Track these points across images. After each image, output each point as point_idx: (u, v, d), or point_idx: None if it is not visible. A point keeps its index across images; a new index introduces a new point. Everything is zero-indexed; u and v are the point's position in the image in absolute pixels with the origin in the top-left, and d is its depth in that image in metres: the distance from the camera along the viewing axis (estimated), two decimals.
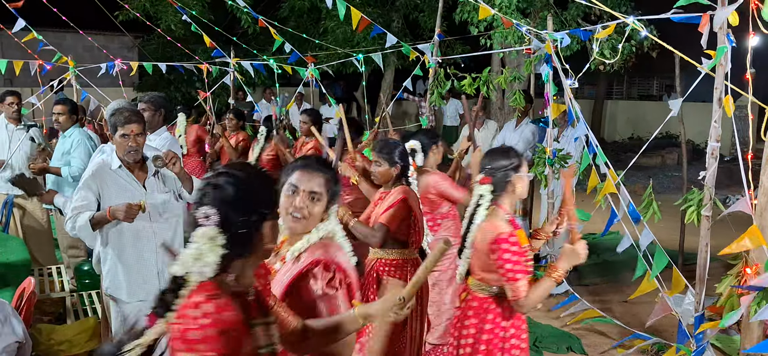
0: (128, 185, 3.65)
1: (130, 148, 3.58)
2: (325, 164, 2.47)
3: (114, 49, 14.25)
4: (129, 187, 3.64)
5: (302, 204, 2.32)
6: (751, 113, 3.87)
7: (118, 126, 3.57)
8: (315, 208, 2.35)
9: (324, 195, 2.37)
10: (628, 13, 8.94)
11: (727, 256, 3.76)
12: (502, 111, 12.95)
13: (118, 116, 3.59)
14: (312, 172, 2.37)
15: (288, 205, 2.33)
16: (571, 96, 5.14)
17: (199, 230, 1.71)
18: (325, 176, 2.39)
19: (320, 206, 2.36)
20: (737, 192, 9.83)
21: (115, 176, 3.65)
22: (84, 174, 4.07)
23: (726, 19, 3.70)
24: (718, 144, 3.93)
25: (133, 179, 3.68)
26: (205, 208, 1.72)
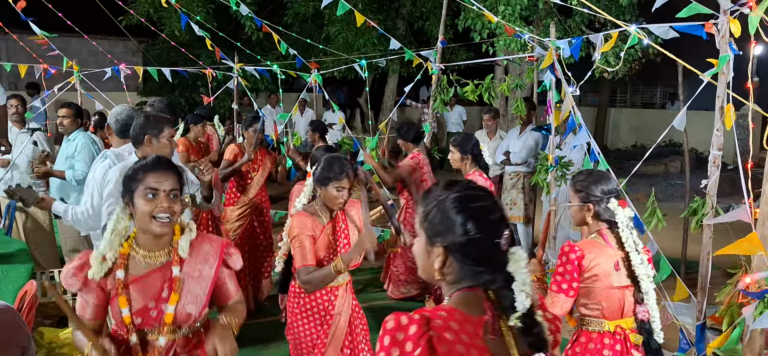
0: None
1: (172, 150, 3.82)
2: (172, 163, 2.54)
3: (118, 54, 14.28)
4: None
5: (167, 204, 2.40)
6: (752, 122, 3.86)
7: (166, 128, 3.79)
8: (177, 206, 2.45)
9: (179, 192, 2.46)
10: (632, 21, 8.95)
11: (727, 265, 3.75)
12: (505, 118, 12.95)
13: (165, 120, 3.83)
14: (165, 172, 2.44)
15: (151, 209, 2.39)
16: (573, 103, 5.14)
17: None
18: (174, 172, 2.48)
19: (179, 204, 2.46)
20: (739, 201, 9.81)
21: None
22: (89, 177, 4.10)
23: (728, 28, 3.70)
24: (721, 153, 3.92)
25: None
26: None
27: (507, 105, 12.15)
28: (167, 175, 2.43)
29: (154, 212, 2.38)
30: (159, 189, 2.40)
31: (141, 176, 2.42)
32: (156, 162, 2.48)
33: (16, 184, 4.37)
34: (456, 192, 1.69)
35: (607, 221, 2.99)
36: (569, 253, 2.90)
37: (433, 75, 6.88)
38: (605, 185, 2.98)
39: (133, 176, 2.44)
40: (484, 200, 1.68)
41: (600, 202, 2.98)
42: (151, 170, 2.42)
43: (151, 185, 2.39)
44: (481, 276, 1.65)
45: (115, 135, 4.16)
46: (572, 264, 2.89)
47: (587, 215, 3.00)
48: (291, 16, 13.48)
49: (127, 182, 2.45)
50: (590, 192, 2.97)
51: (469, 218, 1.64)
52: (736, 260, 3.92)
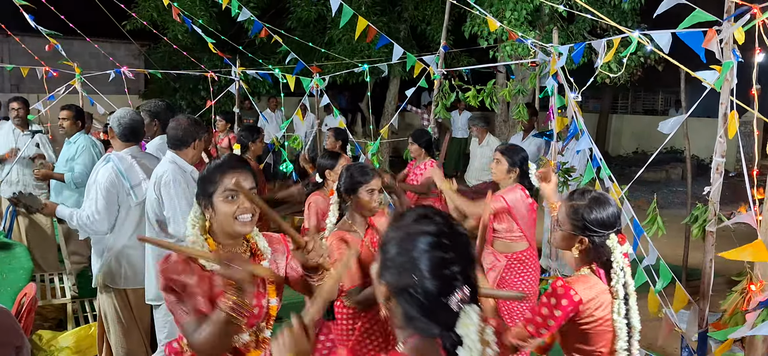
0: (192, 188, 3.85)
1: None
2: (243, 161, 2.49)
3: (120, 57, 14.32)
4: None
5: (249, 204, 2.34)
6: (757, 129, 3.84)
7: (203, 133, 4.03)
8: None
9: (256, 189, 2.42)
10: (634, 27, 8.95)
11: (730, 272, 3.74)
12: (507, 123, 12.94)
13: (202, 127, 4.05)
14: (242, 171, 2.39)
15: (233, 210, 2.34)
16: (575, 108, 5.12)
17: None
18: (250, 170, 2.43)
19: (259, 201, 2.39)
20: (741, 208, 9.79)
21: (191, 179, 3.87)
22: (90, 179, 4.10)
23: (732, 34, 3.69)
24: (724, 160, 3.91)
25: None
26: None
27: (508, 110, 12.15)
28: (245, 174, 2.38)
29: (237, 213, 2.34)
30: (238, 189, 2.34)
31: (218, 177, 2.36)
32: (233, 162, 2.42)
33: (20, 191, 4.38)
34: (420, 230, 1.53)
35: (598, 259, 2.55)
36: (561, 298, 2.44)
37: (434, 80, 6.87)
38: (605, 214, 2.50)
39: (211, 178, 2.38)
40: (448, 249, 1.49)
41: (597, 238, 2.52)
42: (229, 171, 2.37)
43: (231, 186, 2.33)
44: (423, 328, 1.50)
45: (117, 138, 4.16)
46: (562, 311, 2.45)
47: (577, 247, 2.55)
48: (294, 20, 13.49)
49: (203, 184, 2.41)
50: (588, 223, 2.50)
51: (423, 264, 1.47)
52: (740, 268, 3.90)
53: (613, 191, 4.69)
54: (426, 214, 1.56)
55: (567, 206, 2.57)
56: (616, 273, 2.52)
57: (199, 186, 2.45)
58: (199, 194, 2.43)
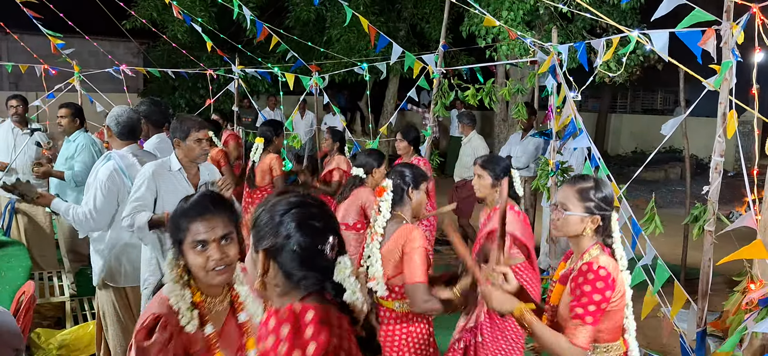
0: (181, 187, 3.80)
1: (203, 151, 3.85)
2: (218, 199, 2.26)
3: (119, 55, 14.31)
4: (182, 190, 3.76)
5: (219, 254, 2.14)
6: (757, 129, 3.85)
7: (192, 130, 3.81)
8: (232, 250, 2.19)
9: (233, 231, 2.20)
10: (634, 26, 8.95)
11: (729, 272, 3.74)
12: (506, 123, 12.94)
13: (191, 123, 3.85)
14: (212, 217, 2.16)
15: (204, 262, 2.13)
16: (573, 108, 5.12)
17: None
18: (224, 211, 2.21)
19: (235, 246, 2.21)
20: (740, 208, 9.79)
21: (172, 177, 3.83)
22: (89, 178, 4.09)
23: (731, 33, 3.69)
24: (722, 159, 3.91)
25: (188, 182, 3.87)
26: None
27: (508, 110, 12.15)
28: (215, 219, 2.14)
29: (209, 266, 2.13)
30: (208, 240, 2.13)
31: (185, 225, 2.13)
32: (200, 207, 2.17)
33: (16, 178, 4.36)
34: (285, 198, 1.72)
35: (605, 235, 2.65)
36: (607, 278, 2.47)
37: (434, 79, 6.87)
38: (608, 192, 2.64)
39: (178, 225, 2.15)
40: (312, 207, 1.70)
41: (608, 216, 2.64)
42: (196, 218, 2.13)
43: (199, 238, 2.12)
44: (306, 281, 1.64)
45: (115, 137, 4.15)
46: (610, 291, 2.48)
47: (588, 228, 2.60)
48: (293, 20, 13.49)
49: (173, 231, 2.18)
50: (601, 204, 2.60)
51: (291, 221, 1.65)
52: (739, 267, 3.90)
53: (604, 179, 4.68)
54: (287, 190, 1.79)
55: (573, 191, 2.63)
56: (619, 248, 2.67)
57: (169, 231, 2.21)
58: (172, 239, 2.19)
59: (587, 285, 2.46)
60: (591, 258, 2.55)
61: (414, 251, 3.12)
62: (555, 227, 2.70)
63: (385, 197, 3.38)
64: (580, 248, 2.63)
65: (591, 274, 2.47)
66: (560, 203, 2.65)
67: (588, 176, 2.70)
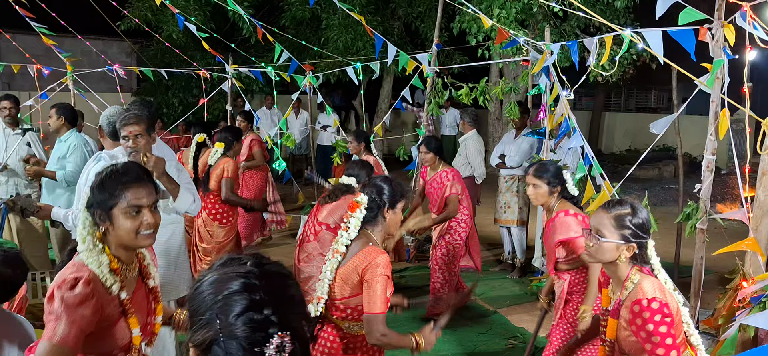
0: None
1: (129, 149, 3.71)
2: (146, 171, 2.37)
3: (112, 55, 14.26)
4: None
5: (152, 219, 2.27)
6: (749, 127, 3.87)
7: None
8: (158, 217, 2.32)
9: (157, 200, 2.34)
10: (627, 25, 8.97)
11: (721, 270, 3.75)
12: (500, 121, 12.97)
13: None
14: (145, 183, 2.29)
15: (136, 226, 2.24)
16: (567, 107, 5.14)
17: None
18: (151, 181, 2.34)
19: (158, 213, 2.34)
20: (733, 206, 9.83)
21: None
22: (81, 179, 4.07)
23: (722, 33, 3.70)
24: (714, 157, 3.92)
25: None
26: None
27: (501, 108, 12.16)
28: (148, 188, 2.28)
29: (140, 229, 2.25)
30: (143, 205, 2.25)
31: (119, 191, 2.23)
32: (135, 174, 2.29)
33: (16, 193, 4.35)
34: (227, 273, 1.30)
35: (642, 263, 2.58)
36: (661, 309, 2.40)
37: (427, 78, 6.87)
38: (644, 219, 2.57)
39: (110, 191, 2.23)
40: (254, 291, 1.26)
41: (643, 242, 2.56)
42: (131, 184, 2.24)
43: (134, 203, 2.23)
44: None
45: (107, 137, 4.15)
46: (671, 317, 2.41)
47: (623, 256, 2.54)
48: (288, 19, 13.49)
49: (102, 197, 2.24)
50: (638, 232, 2.54)
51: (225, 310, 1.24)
52: (732, 265, 3.91)
53: (605, 188, 4.70)
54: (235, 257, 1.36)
55: (609, 217, 2.56)
56: (659, 271, 2.60)
57: (94, 196, 2.27)
58: (93, 204, 2.26)
59: (650, 325, 2.39)
60: (634, 287, 2.49)
61: (375, 279, 2.85)
62: (588, 254, 2.63)
63: (357, 214, 3.09)
64: (619, 275, 2.58)
65: (647, 313, 2.39)
66: (594, 229, 2.59)
67: (625, 201, 2.61)
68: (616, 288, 2.62)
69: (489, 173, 8.07)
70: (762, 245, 3.65)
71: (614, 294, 2.63)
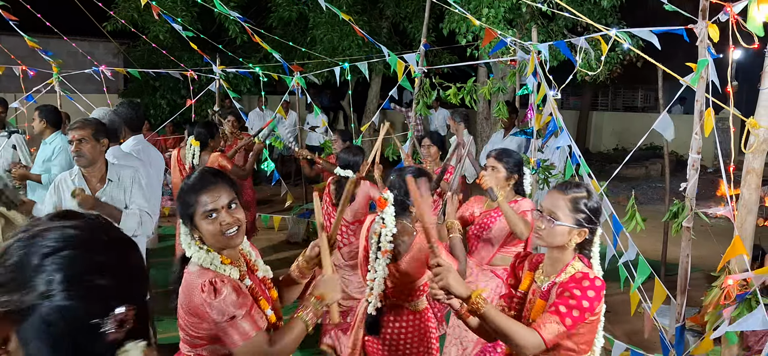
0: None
1: (73, 153, 3.75)
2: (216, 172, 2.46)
3: (99, 55, 14.17)
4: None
5: (230, 218, 2.36)
6: (733, 126, 3.89)
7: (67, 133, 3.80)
8: (239, 214, 2.41)
9: (235, 198, 2.41)
10: (614, 24, 9.01)
11: (707, 267, 3.78)
12: (488, 121, 12.98)
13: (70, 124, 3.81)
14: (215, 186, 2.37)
15: (217, 228, 2.34)
16: (554, 106, 5.15)
17: None
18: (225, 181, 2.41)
19: (240, 210, 2.43)
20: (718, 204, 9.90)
21: (68, 183, 3.78)
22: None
23: (707, 32, 3.73)
24: (699, 156, 3.96)
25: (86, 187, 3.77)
26: None
27: (489, 108, 12.19)
28: (218, 189, 2.37)
29: (223, 229, 2.35)
30: (217, 208, 2.34)
31: (193, 200, 2.35)
32: (203, 181, 2.38)
33: (4, 183, 4.33)
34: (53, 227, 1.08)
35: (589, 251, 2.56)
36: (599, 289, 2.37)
37: (415, 78, 6.87)
38: (599, 205, 2.50)
39: (187, 201, 2.37)
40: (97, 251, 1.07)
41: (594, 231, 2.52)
42: (202, 191, 2.35)
43: (208, 208, 2.33)
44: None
45: None
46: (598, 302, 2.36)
47: (574, 240, 2.47)
48: (275, 20, 13.45)
49: (183, 208, 2.39)
50: (592, 216, 2.47)
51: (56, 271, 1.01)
52: (717, 263, 3.94)
53: (593, 187, 4.71)
54: (64, 213, 1.14)
55: (566, 200, 2.46)
56: (597, 262, 2.56)
57: (179, 209, 2.43)
58: (183, 215, 2.41)
59: (578, 290, 2.34)
60: (576, 271, 2.43)
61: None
62: (538, 236, 2.52)
63: (388, 210, 3.30)
64: (561, 260, 2.49)
65: (586, 281, 2.36)
66: (548, 211, 2.47)
67: (580, 184, 2.53)
68: (550, 272, 2.53)
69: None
70: (747, 244, 3.68)
71: (547, 277, 2.53)
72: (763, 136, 3.59)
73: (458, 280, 2.34)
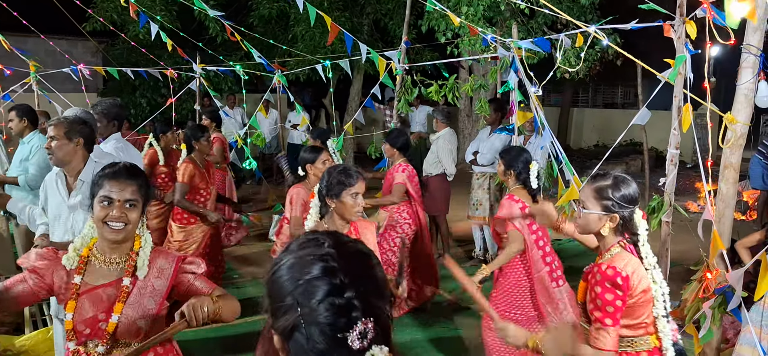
0: (57, 190, 3.74)
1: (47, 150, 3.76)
2: (135, 171, 2.51)
3: (78, 54, 13.99)
4: (57, 193, 3.73)
5: (120, 213, 2.41)
6: (711, 121, 3.95)
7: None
8: (132, 215, 2.44)
9: (139, 201, 2.46)
10: (593, 22, 9.08)
11: (687, 261, 3.82)
12: (470, 118, 13.03)
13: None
14: (124, 181, 2.44)
15: (104, 215, 2.41)
16: (536, 103, 5.19)
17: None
18: (138, 182, 2.47)
19: (136, 212, 2.46)
20: (698, 199, 10.02)
21: (52, 181, 3.79)
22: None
23: (684, 29, 3.78)
24: (678, 151, 4.00)
25: (64, 185, 3.74)
26: None
27: (471, 105, 12.23)
28: (126, 184, 2.43)
29: (107, 218, 2.40)
30: (114, 198, 2.40)
31: (101, 182, 2.43)
32: (115, 171, 2.46)
33: None
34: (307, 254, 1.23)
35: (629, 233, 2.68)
36: (614, 278, 2.51)
37: (397, 75, 6.88)
38: (630, 190, 2.63)
39: (96, 182, 2.46)
40: (334, 274, 1.18)
41: (626, 213, 2.63)
42: (110, 179, 2.43)
43: (107, 194, 2.40)
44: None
45: None
46: (623, 292, 2.51)
47: (607, 226, 2.63)
48: (256, 18, 13.38)
49: (91, 188, 2.47)
50: (620, 202, 2.61)
51: (299, 296, 1.18)
52: (696, 257, 3.99)
53: (574, 183, 4.75)
54: (313, 237, 1.28)
55: (592, 189, 2.66)
56: (644, 244, 2.69)
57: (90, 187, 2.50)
58: (91, 195, 2.48)
59: (598, 287, 2.53)
60: (610, 257, 2.60)
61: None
62: (576, 226, 2.76)
63: (313, 202, 3.44)
64: (604, 246, 2.68)
65: (599, 275, 2.54)
66: (581, 201, 2.72)
67: (608, 175, 2.69)
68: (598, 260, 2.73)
69: (462, 170, 8.10)
70: (725, 238, 3.73)
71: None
72: (740, 131, 3.64)
73: (516, 334, 2.59)
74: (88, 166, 3.79)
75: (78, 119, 3.81)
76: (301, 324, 1.17)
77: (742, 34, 3.52)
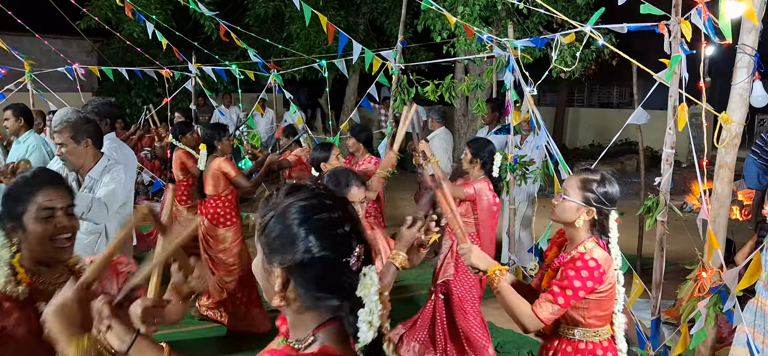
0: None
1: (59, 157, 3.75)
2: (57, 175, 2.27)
3: (72, 54, 13.95)
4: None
5: (67, 222, 2.14)
6: (706, 121, 3.95)
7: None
8: (75, 221, 2.18)
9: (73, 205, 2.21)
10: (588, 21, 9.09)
11: (682, 260, 3.82)
12: (466, 118, 13.03)
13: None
14: (58, 187, 2.16)
15: (49, 231, 2.08)
16: (532, 103, 5.19)
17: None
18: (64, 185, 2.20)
19: (75, 218, 2.20)
20: (693, 198, 10.05)
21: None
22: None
23: (680, 28, 3.78)
24: (673, 151, 4.00)
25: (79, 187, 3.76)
26: None
27: (467, 105, 12.23)
28: (61, 189, 2.15)
29: (54, 233, 2.09)
30: (55, 208, 2.10)
31: (28, 196, 2.09)
32: (45, 178, 2.17)
33: None
34: (299, 200, 1.42)
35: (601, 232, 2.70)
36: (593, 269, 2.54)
37: (393, 75, 6.87)
38: (613, 190, 2.67)
39: (20, 196, 2.10)
40: (332, 209, 1.41)
41: (605, 212, 2.67)
42: (44, 187, 2.11)
43: (46, 205, 2.08)
44: (326, 302, 1.41)
45: None
46: (593, 281, 2.54)
47: (582, 218, 2.65)
48: (251, 17, 13.36)
49: (10, 204, 2.11)
50: (601, 198, 2.64)
51: (311, 233, 1.38)
52: (691, 256, 4.00)
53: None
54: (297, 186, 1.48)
55: (578, 179, 2.69)
56: (614, 245, 2.72)
57: (3, 206, 2.12)
58: (3, 215, 2.11)
59: (572, 270, 2.56)
60: (585, 250, 2.62)
61: None
62: (552, 212, 2.78)
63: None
64: (575, 239, 2.70)
65: (580, 262, 2.56)
66: (563, 189, 2.75)
67: (597, 170, 2.73)
68: (569, 248, 2.74)
69: (458, 170, 8.08)
70: (720, 237, 3.74)
71: (567, 254, 2.73)
72: (735, 131, 3.65)
73: (479, 257, 2.68)
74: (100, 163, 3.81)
75: (81, 119, 3.81)
76: (313, 254, 1.37)
77: (737, 34, 3.53)
